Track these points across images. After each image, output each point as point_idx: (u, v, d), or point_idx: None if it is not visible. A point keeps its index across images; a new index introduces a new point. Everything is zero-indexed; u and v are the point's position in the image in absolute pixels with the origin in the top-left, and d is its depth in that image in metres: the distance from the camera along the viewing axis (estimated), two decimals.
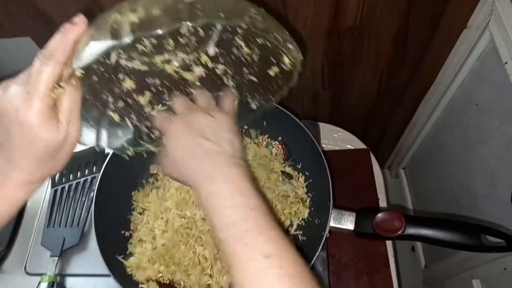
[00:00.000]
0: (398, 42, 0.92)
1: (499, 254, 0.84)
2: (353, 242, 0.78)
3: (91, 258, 0.75)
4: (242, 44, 0.48)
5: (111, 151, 0.70)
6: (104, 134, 0.50)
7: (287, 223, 0.70)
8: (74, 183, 0.80)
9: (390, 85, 1.09)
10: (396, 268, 0.77)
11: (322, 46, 0.91)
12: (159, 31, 0.37)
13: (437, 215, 1.22)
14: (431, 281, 1.32)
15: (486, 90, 0.89)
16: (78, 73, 0.38)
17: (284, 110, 0.72)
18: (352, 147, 0.90)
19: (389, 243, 0.78)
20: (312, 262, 0.60)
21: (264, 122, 0.78)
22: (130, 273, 0.65)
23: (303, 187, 0.73)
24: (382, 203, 0.82)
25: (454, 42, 0.94)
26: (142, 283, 0.64)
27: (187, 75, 0.50)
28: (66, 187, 0.79)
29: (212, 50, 0.48)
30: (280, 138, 0.78)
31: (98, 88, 0.46)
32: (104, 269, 0.61)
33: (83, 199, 0.78)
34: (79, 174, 0.80)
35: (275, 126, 0.77)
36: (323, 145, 0.89)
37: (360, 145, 0.91)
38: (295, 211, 0.70)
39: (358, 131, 0.96)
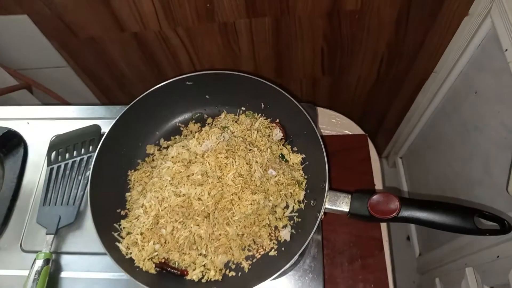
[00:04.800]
0: (398, 27, 0.91)
1: (492, 242, 0.85)
2: (347, 227, 0.78)
3: (86, 236, 0.74)
4: None
5: (107, 130, 0.70)
6: None
7: (283, 205, 0.70)
8: (70, 161, 0.79)
9: (389, 72, 1.08)
10: (390, 253, 0.77)
11: (322, 29, 0.90)
12: None
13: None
14: (425, 269, 1.33)
15: (485, 78, 0.89)
16: None
17: (282, 91, 0.72)
18: (350, 133, 0.89)
19: (384, 229, 0.79)
20: (306, 243, 0.60)
21: (262, 104, 0.78)
22: (125, 252, 0.65)
23: (299, 170, 0.73)
24: (378, 188, 0.83)
25: (455, 30, 0.93)
26: (138, 262, 0.64)
27: None
28: (62, 165, 0.79)
29: None
30: (278, 120, 0.77)
31: None
32: (100, 248, 0.61)
33: (79, 177, 0.78)
34: (75, 153, 0.80)
35: (274, 108, 0.77)
36: (321, 130, 0.89)
37: (359, 131, 0.90)
38: (291, 193, 0.70)
39: (356, 118, 0.96)
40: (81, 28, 0.91)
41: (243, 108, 0.80)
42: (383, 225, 0.79)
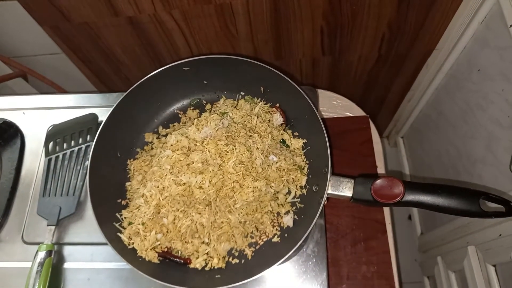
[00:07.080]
0: (400, 4, 0.89)
1: (495, 221, 0.85)
2: (350, 210, 0.78)
3: (88, 227, 0.74)
4: None
5: (104, 119, 0.69)
6: None
7: (285, 190, 0.69)
8: (68, 151, 0.78)
9: (390, 50, 1.06)
10: (393, 235, 0.77)
11: (321, 7, 0.87)
12: None
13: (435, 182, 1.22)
14: (426, 247, 1.33)
15: (489, 55, 0.87)
16: None
17: (282, 75, 0.70)
18: (351, 115, 0.88)
19: (386, 211, 0.78)
20: (310, 229, 0.59)
21: (262, 88, 0.76)
22: (127, 242, 0.65)
23: (301, 155, 0.72)
24: (380, 170, 0.82)
25: (458, 6, 0.91)
26: (140, 252, 0.64)
27: None
28: (60, 156, 0.78)
29: None
30: (278, 104, 0.76)
31: None
32: (102, 238, 0.61)
33: (78, 168, 0.77)
34: (72, 142, 0.79)
35: (273, 92, 0.75)
36: (322, 113, 0.87)
37: (360, 112, 0.89)
38: (292, 179, 0.69)
39: (357, 99, 0.95)
40: (74, 12, 0.88)
41: (242, 93, 0.78)
42: (386, 208, 0.79)
